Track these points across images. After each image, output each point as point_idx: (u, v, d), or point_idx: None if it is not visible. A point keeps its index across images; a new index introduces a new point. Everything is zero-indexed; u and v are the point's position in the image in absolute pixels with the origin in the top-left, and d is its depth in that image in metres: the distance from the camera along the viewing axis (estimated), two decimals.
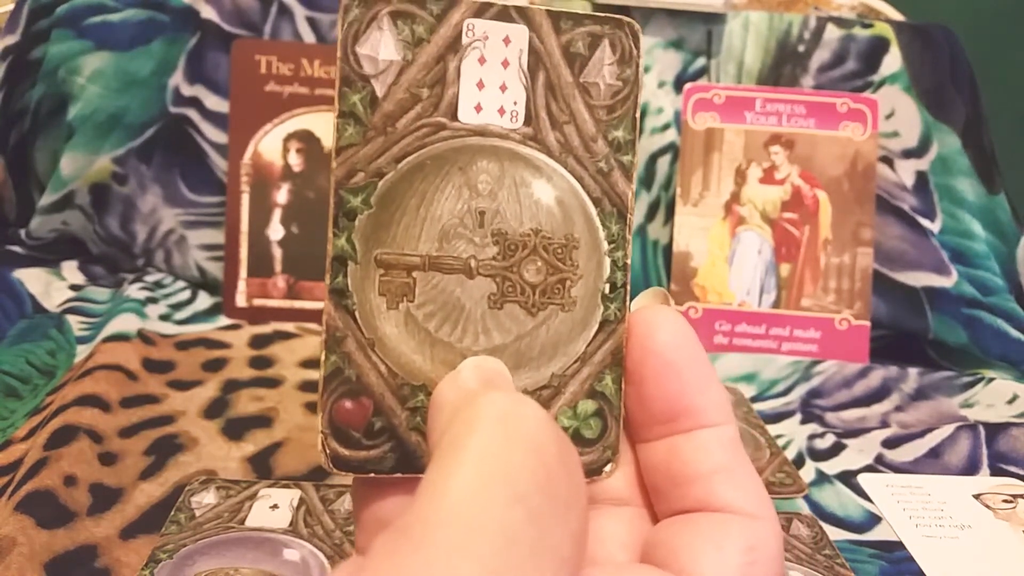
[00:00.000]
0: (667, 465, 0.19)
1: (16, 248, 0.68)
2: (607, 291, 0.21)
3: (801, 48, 0.68)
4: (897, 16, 0.72)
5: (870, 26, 0.68)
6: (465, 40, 0.20)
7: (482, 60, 0.20)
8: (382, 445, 0.19)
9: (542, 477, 0.15)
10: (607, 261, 0.21)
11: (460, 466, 0.15)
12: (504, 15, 0.20)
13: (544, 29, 0.20)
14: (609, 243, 0.21)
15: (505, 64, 0.20)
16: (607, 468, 0.20)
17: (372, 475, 0.19)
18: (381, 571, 0.13)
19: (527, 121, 0.20)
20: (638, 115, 0.21)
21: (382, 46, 0.19)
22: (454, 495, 0.14)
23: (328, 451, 0.19)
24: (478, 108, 0.20)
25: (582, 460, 0.20)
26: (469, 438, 0.15)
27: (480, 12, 0.20)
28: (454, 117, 0.20)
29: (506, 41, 0.20)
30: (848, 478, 0.47)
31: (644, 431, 0.20)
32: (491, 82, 0.20)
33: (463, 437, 0.15)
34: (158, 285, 0.65)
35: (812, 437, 0.51)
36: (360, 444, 0.19)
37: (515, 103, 0.20)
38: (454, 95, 0.20)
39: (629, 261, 0.21)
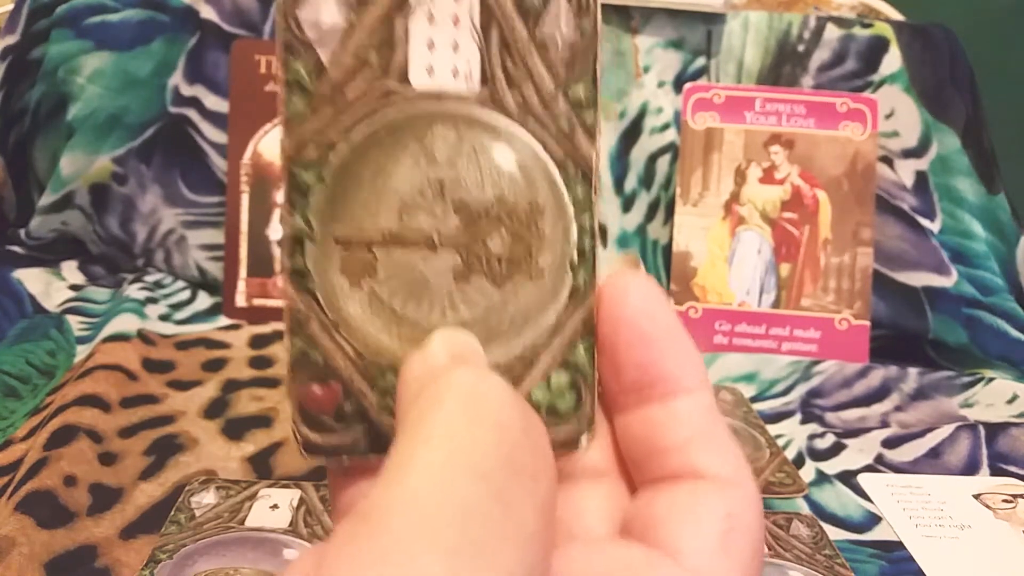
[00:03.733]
0: (643, 435, 0.19)
1: (16, 248, 0.68)
2: (575, 258, 0.20)
3: (801, 48, 0.68)
4: (897, 16, 0.72)
5: (870, 26, 0.68)
6: None
7: (431, 19, 0.19)
8: (354, 428, 0.19)
9: (505, 452, 0.15)
10: (574, 226, 0.20)
11: (422, 447, 0.14)
12: None
13: None
14: (575, 207, 0.20)
15: (456, 22, 0.19)
16: (583, 441, 0.20)
17: (345, 458, 0.19)
18: (339, 559, 0.13)
19: (483, 82, 0.19)
20: (599, 70, 0.20)
21: (323, 9, 0.18)
22: (414, 479, 0.14)
23: (300, 437, 0.19)
24: (430, 71, 0.19)
25: (558, 434, 0.19)
26: (432, 417, 0.15)
27: None
28: (405, 81, 0.19)
29: None
30: (848, 478, 0.47)
31: (619, 401, 0.20)
32: (442, 42, 0.19)
33: (426, 416, 0.15)
34: (158, 285, 0.65)
35: (812, 437, 0.51)
36: (331, 428, 0.19)
37: (468, 63, 0.19)
38: (404, 57, 0.19)
39: (597, 226, 0.20)
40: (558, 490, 0.16)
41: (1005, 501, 0.44)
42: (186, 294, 0.65)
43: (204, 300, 0.65)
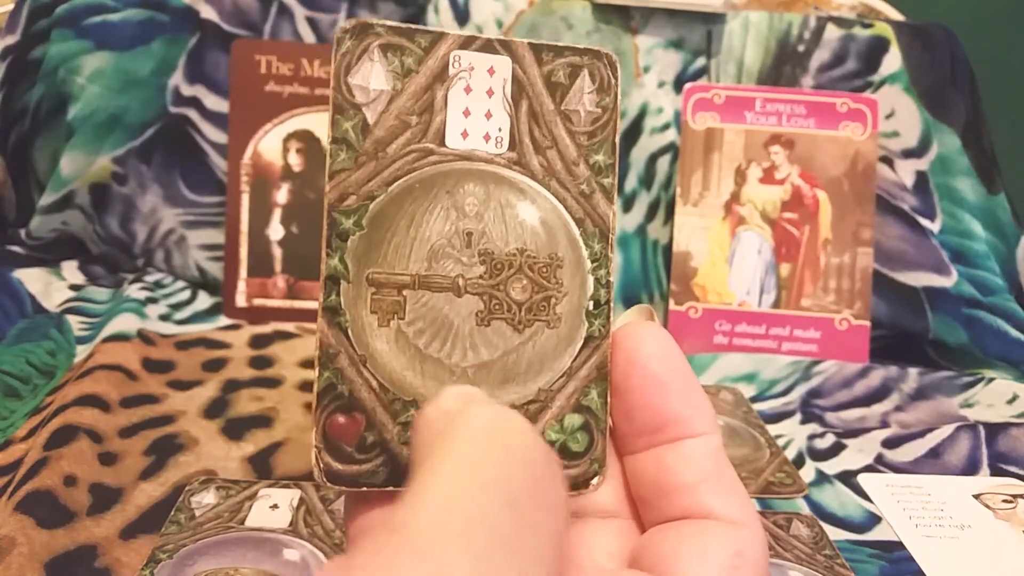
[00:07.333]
0: (653, 475, 0.20)
1: (16, 248, 0.68)
2: (591, 308, 0.21)
3: (801, 48, 0.68)
4: (897, 16, 0.72)
5: (870, 26, 0.68)
6: (452, 71, 0.21)
7: (468, 89, 0.21)
8: (374, 459, 0.20)
9: (530, 484, 0.15)
10: (590, 279, 0.21)
11: (451, 468, 0.15)
12: (488, 47, 0.21)
13: (527, 60, 0.21)
14: (592, 262, 0.21)
15: (490, 93, 0.21)
16: (595, 481, 0.21)
17: (364, 488, 0.20)
18: (370, 560, 0.13)
19: (511, 146, 0.21)
20: (618, 140, 0.22)
21: (373, 76, 0.20)
22: (445, 494, 0.14)
23: (322, 465, 0.20)
24: (464, 134, 0.21)
25: (570, 474, 0.21)
26: (459, 445, 0.15)
27: (466, 45, 0.21)
28: (442, 143, 0.21)
29: (491, 71, 0.21)
30: (848, 478, 0.47)
31: (630, 443, 0.20)
32: (477, 110, 0.21)
33: (453, 444, 0.16)
34: (158, 285, 0.65)
35: (812, 437, 0.51)
36: (353, 458, 0.20)
37: (500, 129, 0.21)
38: (442, 122, 0.21)
39: (612, 279, 0.22)
40: (570, 528, 0.17)
41: (1005, 501, 0.44)
42: (186, 294, 0.65)
43: (204, 300, 0.65)
